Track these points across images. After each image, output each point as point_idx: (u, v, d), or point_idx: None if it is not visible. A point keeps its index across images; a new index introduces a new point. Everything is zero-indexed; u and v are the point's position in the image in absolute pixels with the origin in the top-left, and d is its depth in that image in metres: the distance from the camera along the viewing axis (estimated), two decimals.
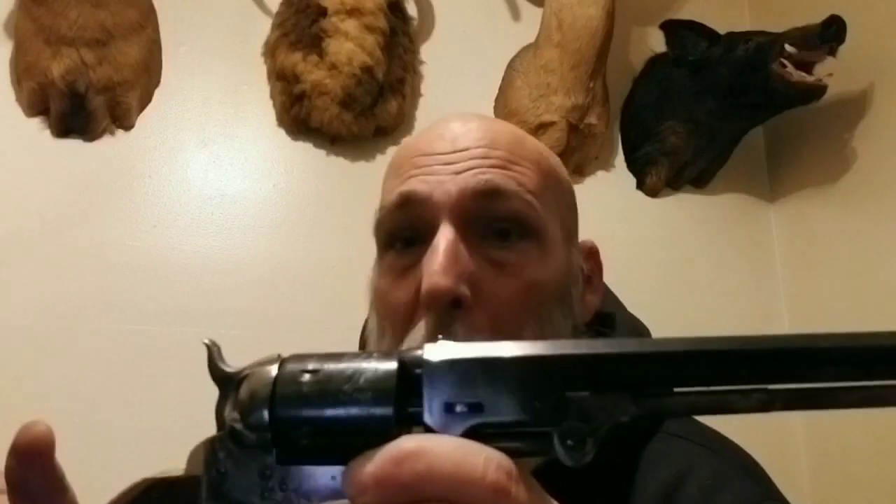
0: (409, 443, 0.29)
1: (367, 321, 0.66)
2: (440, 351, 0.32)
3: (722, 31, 1.56)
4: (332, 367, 0.32)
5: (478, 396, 0.31)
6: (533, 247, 0.57)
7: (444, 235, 0.54)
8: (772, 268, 1.68)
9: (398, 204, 0.57)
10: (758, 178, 1.74)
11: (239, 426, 0.33)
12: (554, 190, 0.61)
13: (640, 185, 1.66)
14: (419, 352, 0.32)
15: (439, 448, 0.29)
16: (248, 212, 1.46)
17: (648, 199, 1.66)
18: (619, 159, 1.69)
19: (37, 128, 1.41)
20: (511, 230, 0.56)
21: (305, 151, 1.52)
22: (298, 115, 1.48)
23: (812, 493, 1.51)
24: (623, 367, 0.31)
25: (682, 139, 1.61)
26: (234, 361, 0.50)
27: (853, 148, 1.52)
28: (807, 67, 1.42)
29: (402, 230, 0.58)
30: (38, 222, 1.36)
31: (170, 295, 1.37)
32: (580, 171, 1.63)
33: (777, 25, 1.48)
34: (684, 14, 1.69)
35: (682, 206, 1.68)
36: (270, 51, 1.50)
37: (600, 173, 1.66)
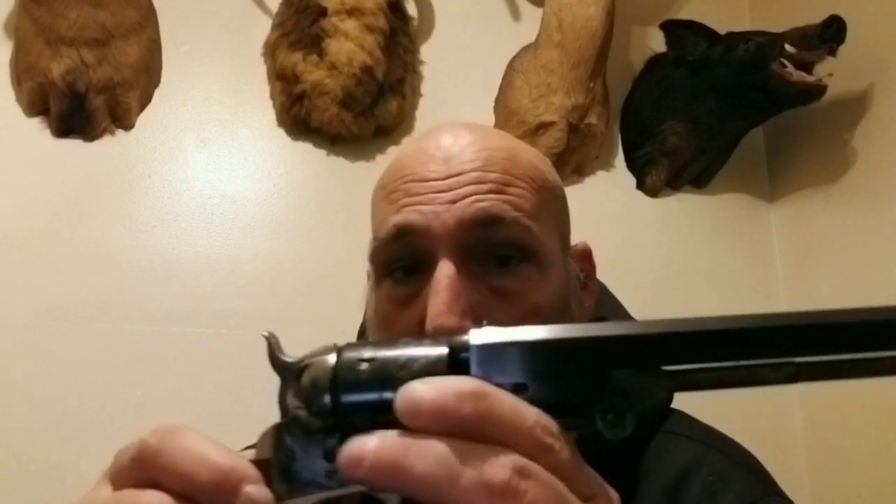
0: (470, 382, 0.31)
1: (363, 328, 0.66)
2: (485, 335, 0.34)
3: (722, 30, 1.56)
4: (386, 354, 0.35)
5: (522, 377, 0.33)
6: (533, 270, 0.57)
7: (445, 272, 0.54)
8: (772, 268, 1.68)
9: (394, 236, 0.57)
10: (758, 178, 1.74)
11: (303, 413, 0.35)
12: (549, 203, 0.61)
13: (640, 185, 1.66)
14: (466, 337, 0.34)
15: (498, 394, 0.31)
16: (248, 212, 1.46)
17: (648, 199, 1.66)
18: (619, 159, 1.69)
19: (37, 128, 1.41)
20: (510, 256, 0.56)
21: (305, 151, 1.52)
22: (298, 115, 1.48)
23: (812, 493, 1.51)
24: (659, 345, 0.33)
25: (682, 139, 1.61)
26: (233, 361, 0.50)
27: (853, 148, 1.52)
28: (807, 67, 1.42)
29: (400, 260, 0.58)
30: (38, 222, 1.36)
31: (170, 295, 1.37)
32: (580, 171, 1.63)
33: (777, 25, 1.48)
34: (684, 14, 1.69)
35: (682, 206, 1.68)
36: (270, 51, 1.50)
37: (600, 173, 1.66)
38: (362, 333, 0.69)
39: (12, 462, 1.24)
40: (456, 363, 0.34)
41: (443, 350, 0.34)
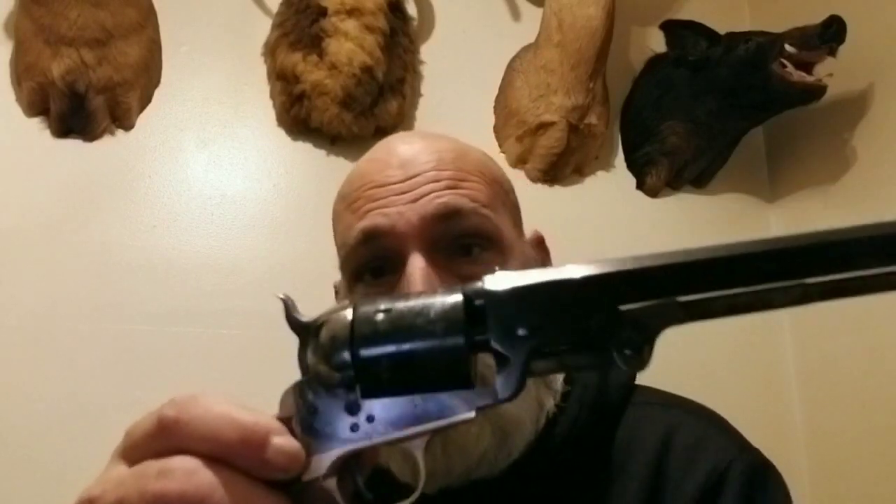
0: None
1: None
2: (499, 281, 0.35)
3: (722, 31, 1.56)
4: (402, 305, 0.35)
5: (536, 319, 0.34)
6: (495, 256, 0.61)
7: (416, 264, 0.57)
8: None
9: (361, 240, 0.60)
10: (758, 178, 1.74)
11: (323, 368, 0.36)
12: (500, 195, 0.65)
13: (640, 185, 1.66)
14: (480, 284, 0.35)
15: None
16: (248, 212, 1.46)
17: (648, 199, 1.66)
18: (619, 159, 1.69)
19: (37, 128, 1.40)
20: (473, 244, 0.60)
21: (305, 151, 1.52)
22: (298, 115, 1.48)
23: (812, 493, 1.51)
24: (669, 276, 0.34)
25: (682, 139, 1.61)
26: (233, 361, 0.50)
27: (853, 148, 1.52)
28: (807, 67, 1.42)
29: (370, 263, 0.61)
30: (37, 222, 1.36)
31: (170, 295, 1.37)
32: (580, 171, 1.63)
33: (777, 25, 1.48)
34: (684, 14, 1.69)
35: (682, 207, 1.68)
36: (270, 51, 1.50)
37: (600, 173, 1.66)
38: None
39: (12, 462, 1.23)
40: (471, 310, 0.35)
41: (457, 297, 0.35)
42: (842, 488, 1.47)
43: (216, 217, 1.44)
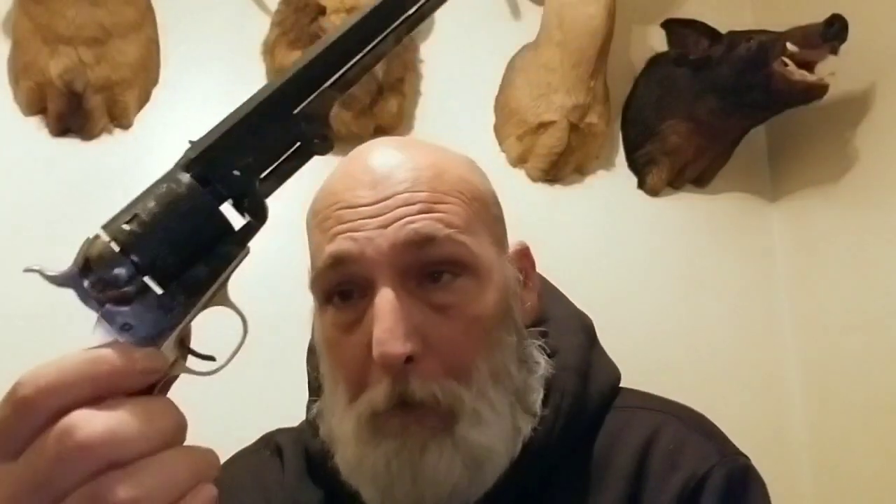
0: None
1: (312, 350, 0.69)
2: (199, 146, 0.42)
3: (723, 29, 1.56)
4: (141, 205, 0.39)
5: (240, 155, 0.41)
6: (470, 282, 0.58)
7: (384, 297, 0.55)
8: (773, 267, 1.67)
9: (330, 265, 0.58)
10: (759, 177, 1.73)
11: (114, 292, 0.39)
12: (480, 213, 0.62)
13: (641, 185, 1.66)
14: (186, 156, 0.41)
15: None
16: None
17: (649, 198, 1.66)
18: (620, 158, 1.68)
19: (35, 127, 1.40)
20: (445, 271, 0.58)
21: None
22: None
23: (814, 493, 1.51)
24: (315, 69, 0.42)
25: (683, 138, 1.60)
26: (233, 361, 0.50)
27: (855, 147, 1.52)
28: (809, 66, 1.42)
29: (338, 287, 0.59)
30: (35, 221, 1.36)
31: None
32: (581, 171, 1.63)
33: (779, 24, 1.48)
34: (686, 13, 1.69)
35: (683, 206, 1.67)
36: (269, 49, 1.49)
37: (601, 172, 1.65)
38: (312, 351, 0.71)
39: None
40: (198, 179, 0.40)
41: (184, 175, 0.40)
42: (843, 488, 1.46)
43: None
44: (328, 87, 0.42)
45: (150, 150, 1.44)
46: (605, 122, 1.59)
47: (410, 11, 0.43)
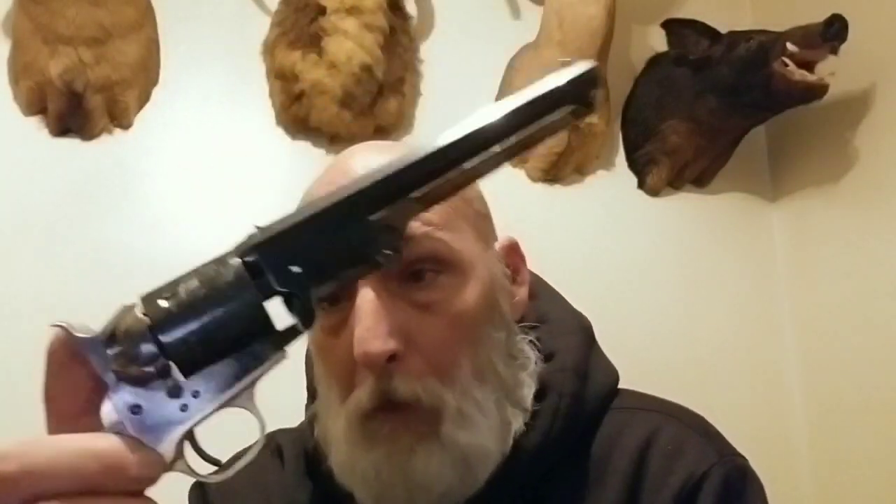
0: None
1: (310, 356, 0.68)
2: (263, 233, 0.39)
3: (723, 29, 1.56)
4: (183, 285, 0.38)
5: (304, 253, 0.38)
6: (452, 279, 0.58)
7: (365, 298, 0.55)
8: (773, 267, 1.67)
9: None
10: (759, 177, 1.73)
11: (133, 369, 0.36)
12: (461, 209, 0.61)
13: (641, 185, 1.66)
14: (246, 241, 0.39)
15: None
16: (248, 210, 1.45)
17: (649, 198, 1.66)
18: (620, 158, 1.68)
19: (35, 127, 1.40)
20: (426, 269, 0.58)
21: (304, 150, 1.51)
22: (297, 114, 1.47)
23: (815, 493, 1.51)
24: (400, 180, 0.39)
25: (683, 138, 1.60)
26: None
27: (855, 147, 1.52)
28: (809, 66, 1.42)
29: None
30: (35, 221, 1.36)
31: None
32: (581, 171, 1.63)
33: (779, 24, 1.47)
34: (686, 13, 1.69)
35: (683, 206, 1.67)
36: (269, 49, 1.49)
37: (601, 173, 1.65)
38: (309, 360, 0.71)
39: None
40: (248, 266, 0.38)
41: (235, 260, 0.38)
42: (843, 488, 1.46)
43: (215, 216, 1.43)
44: (412, 199, 0.39)
45: (150, 150, 1.44)
46: (605, 122, 1.59)
47: (513, 140, 0.39)
